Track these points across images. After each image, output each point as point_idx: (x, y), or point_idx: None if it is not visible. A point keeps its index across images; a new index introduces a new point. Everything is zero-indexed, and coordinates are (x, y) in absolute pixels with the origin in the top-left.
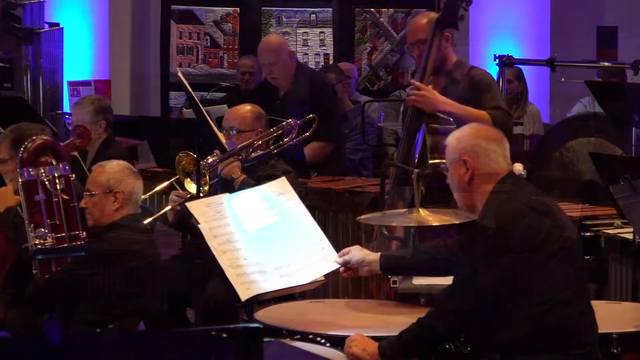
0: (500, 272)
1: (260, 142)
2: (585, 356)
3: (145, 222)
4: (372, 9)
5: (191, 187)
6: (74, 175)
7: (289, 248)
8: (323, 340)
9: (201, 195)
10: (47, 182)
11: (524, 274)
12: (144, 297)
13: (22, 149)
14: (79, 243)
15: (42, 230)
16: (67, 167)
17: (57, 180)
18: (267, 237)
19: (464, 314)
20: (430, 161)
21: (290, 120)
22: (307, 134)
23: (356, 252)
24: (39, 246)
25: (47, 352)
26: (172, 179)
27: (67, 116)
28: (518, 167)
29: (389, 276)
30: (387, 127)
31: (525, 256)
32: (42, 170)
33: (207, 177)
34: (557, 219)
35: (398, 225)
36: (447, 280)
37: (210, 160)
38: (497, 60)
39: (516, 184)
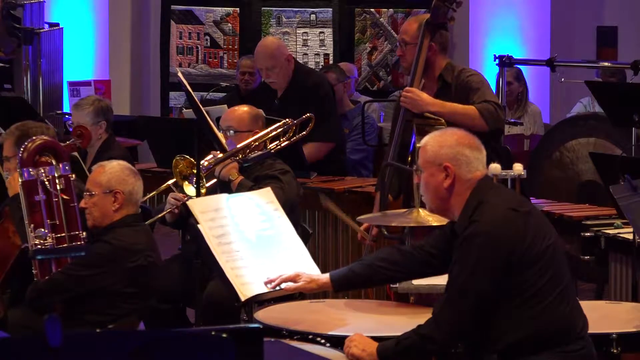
0: (495, 278)
1: (257, 143)
2: (581, 352)
3: (145, 223)
4: (372, 9)
5: (189, 189)
6: (74, 175)
7: (286, 251)
8: (323, 340)
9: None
10: (47, 182)
11: (517, 277)
12: (144, 297)
13: (22, 149)
14: (79, 243)
15: (42, 230)
16: (67, 167)
17: (57, 180)
18: (266, 238)
19: (461, 324)
20: None
21: (287, 119)
22: (304, 133)
23: (305, 278)
24: (39, 246)
25: (47, 352)
26: (170, 182)
27: (67, 116)
28: (518, 167)
29: None
30: (387, 127)
31: (518, 260)
32: (42, 170)
33: (204, 180)
34: (539, 217)
35: (398, 225)
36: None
37: (206, 163)
38: (497, 60)
39: (492, 187)
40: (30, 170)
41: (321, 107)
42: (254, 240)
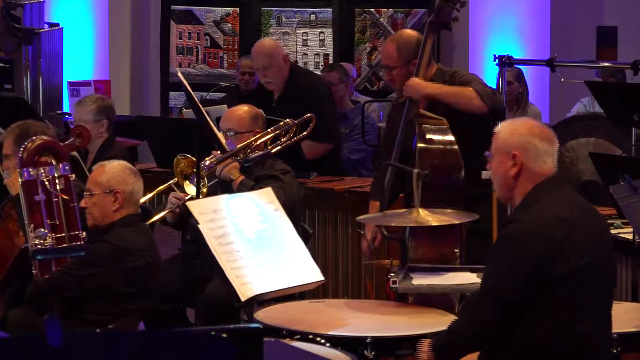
0: (523, 281)
1: (258, 143)
2: None
3: (145, 223)
4: (372, 9)
5: (190, 189)
6: (74, 175)
7: (286, 252)
8: (323, 340)
9: (200, 196)
10: (47, 182)
11: (544, 287)
12: (144, 297)
13: (21, 149)
14: (78, 243)
15: (42, 230)
16: (67, 167)
17: (57, 180)
18: (266, 238)
19: (490, 322)
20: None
21: (288, 120)
22: (305, 133)
23: None
24: (39, 246)
25: (47, 352)
26: (171, 182)
27: (66, 116)
28: None
29: (389, 276)
30: None
31: (547, 270)
32: (42, 170)
33: (205, 179)
34: (589, 232)
35: (398, 225)
36: (448, 280)
37: (207, 162)
38: (497, 60)
39: (556, 188)
40: (30, 170)
41: (320, 107)
42: (254, 240)
